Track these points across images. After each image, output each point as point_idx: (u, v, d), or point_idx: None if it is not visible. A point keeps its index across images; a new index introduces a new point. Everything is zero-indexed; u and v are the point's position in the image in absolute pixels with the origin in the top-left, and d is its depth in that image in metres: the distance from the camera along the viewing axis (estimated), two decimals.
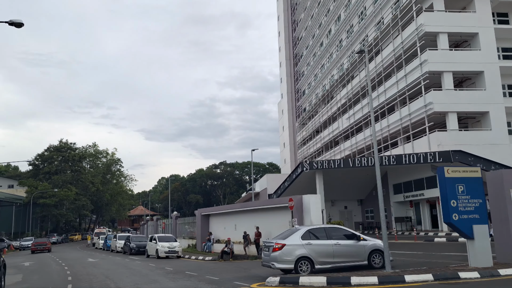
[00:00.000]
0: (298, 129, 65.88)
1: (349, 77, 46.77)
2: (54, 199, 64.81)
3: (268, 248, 14.74)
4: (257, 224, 26.63)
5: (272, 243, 14.59)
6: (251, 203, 28.05)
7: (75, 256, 33.19)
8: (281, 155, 73.66)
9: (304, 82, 65.11)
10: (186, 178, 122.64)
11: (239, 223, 29.63)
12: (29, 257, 34.50)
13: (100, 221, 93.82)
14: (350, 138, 46.05)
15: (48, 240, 49.05)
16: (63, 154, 71.41)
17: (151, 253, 29.48)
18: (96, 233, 54.35)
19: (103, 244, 44.57)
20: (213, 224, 33.42)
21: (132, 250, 33.32)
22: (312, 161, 37.21)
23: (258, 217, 27.31)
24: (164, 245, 28.06)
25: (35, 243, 44.65)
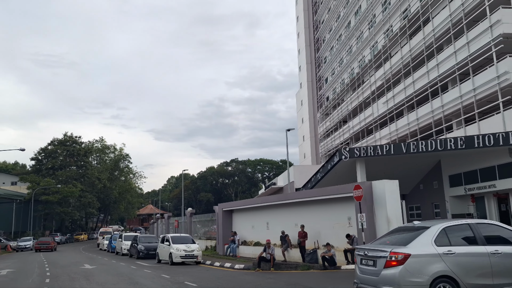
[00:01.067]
0: (320, 120, 59.22)
1: (387, 55, 40.08)
2: (58, 195, 58.60)
3: (372, 261, 8.17)
4: (300, 221, 20.10)
5: (383, 251, 7.99)
6: (292, 195, 21.57)
7: (71, 260, 26.80)
8: (299, 149, 66.98)
9: (326, 68, 58.48)
10: (197, 176, 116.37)
11: (272, 221, 23.09)
12: (16, 261, 28.17)
13: (108, 220, 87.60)
14: (388, 124, 39.33)
15: (52, 239, 46.15)
16: (68, 148, 65.18)
17: (163, 258, 23.01)
18: (101, 232, 48.08)
19: (108, 245, 38.22)
20: (237, 221, 26.89)
21: (140, 253, 26.86)
22: (353, 148, 30.55)
23: (300, 212, 20.76)
24: (180, 248, 21.58)
25: (39, 241, 43.75)
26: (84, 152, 67.57)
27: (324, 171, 33.46)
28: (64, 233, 66.08)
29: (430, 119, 32.95)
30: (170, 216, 39.82)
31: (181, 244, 22.11)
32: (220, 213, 27.47)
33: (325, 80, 59.40)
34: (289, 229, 20.86)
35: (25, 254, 38.66)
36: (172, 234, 24.46)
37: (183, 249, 21.51)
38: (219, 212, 27.69)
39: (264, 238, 23.24)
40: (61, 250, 43.44)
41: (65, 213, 61.07)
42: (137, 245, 27.59)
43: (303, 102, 64.56)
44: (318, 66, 61.30)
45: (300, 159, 66.18)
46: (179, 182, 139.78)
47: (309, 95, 62.09)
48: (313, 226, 19.34)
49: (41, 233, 61.20)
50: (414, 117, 35.33)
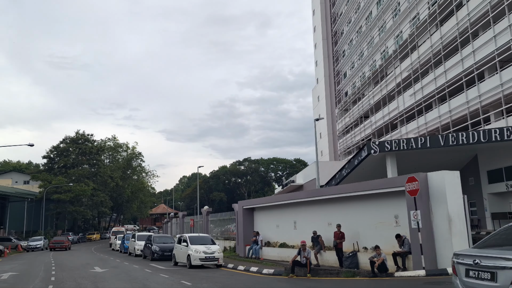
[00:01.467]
0: (339, 116, 56.59)
1: (414, 45, 37.38)
2: (70, 194, 56.77)
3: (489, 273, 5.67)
4: (334, 220, 17.65)
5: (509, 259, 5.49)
6: (325, 190, 19.10)
7: (80, 261, 24.64)
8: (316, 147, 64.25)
9: (345, 63, 55.85)
10: (209, 176, 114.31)
11: (301, 220, 20.63)
12: (23, 262, 26.10)
13: (121, 219, 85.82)
14: (416, 118, 36.63)
15: (66, 238, 45.69)
16: (80, 146, 63.37)
17: (180, 260, 20.69)
18: (114, 232, 46.02)
19: (120, 245, 36.09)
20: (259, 220, 24.48)
21: (155, 254, 24.59)
22: (384, 142, 27.98)
23: (334, 210, 18.27)
24: (199, 250, 19.23)
25: (53, 241, 43.83)
26: (97, 150, 65.74)
27: (350, 167, 30.98)
28: (76, 232, 64.31)
29: (465, 110, 30.27)
30: (185, 215, 37.55)
31: (200, 245, 19.76)
32: (240, 212, 25.10)
33: (344, 75, 56.75)
34: (321, 229, 18.40)
35: (35, 254, 36.75)
36: (190, 234, 22.18)
37: (202, 250, 19.16)
38: (239, 211, 25.32)
39: (291, 239, 20.85)
40: (72, 250, 41.48)
41: (77, 212, 59.25)
42: (151, 245, 25.34)
43: (320, 98, 61.98)
44: (336, 60, 58.66)
45: None
46: (191, 182, 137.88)
47: (326, 90, 59.49)
48: (350, 226, 16.86)
49: (53, 233, 59.44)
50: (446, 109, 32.62)
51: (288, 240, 21.02)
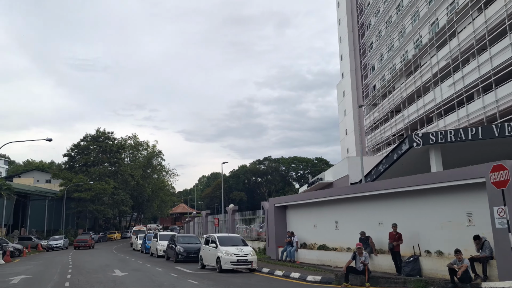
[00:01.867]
0: (367, 111, 53.75)
1: (452, 31, 34.45)
2: (90, 192, 55.40)
3: None
4: (386, 219, 15.21)
5: None
6: (375, 185, 16.45)
7: (99, 263, 22.70)
8: (341, 144, 61.55)
9: (373, 55, 52.98)
10: (229, 175, 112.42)
11: (343, 219, 18.19)
12: (40, 263, 24.33)
13: (141, 219, 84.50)
14: (456, 110, 33.69)
15: (90, 237, 46.00)
16: (100, 144, 62.04)
17: (209, 263, 18.48)
18: (135, 231, 44.28)
19: (141, 245, 34.19)
20: (293, 219, 22.12)
21: (179, 255, 22.46)
22: (428, 133, 25.32)
23: (386, 208, 15.78)
24: (230, 252, 16.98)
25: (77, 239, 44.53)
26: (117, 148, 64.33)
27: (388, 162, 28.35)
28: (97, 231, 63.03)
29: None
30: (208, 214, 35.39)
31: (231, 246, 17.52)
32: (271, 210, 22.79)
33: (372, 68, 53.90)
34: (370, 229, 15.95)
35: (54, 254, 35.18)
36: (219, 234, 19.96)
37: (234, 252, 16.91)
38: (270, 209, 23.01)
39: (332, 240, 18.42)
40: (92, 250, 39.87)
41: (98, 211, 57.87)
42: (175, 246, 23.23)
43: (345, 92, 59.20)
44: (363, 53, 55.82)
45: (342, 155, 60.75)
46: (211, 182, 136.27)
47: (352, 84, 56.69)
48: (408, 226, 14.36)
49: (73, 232, 58.22)
50: (492, 98, 29.64)
51: (329, 241, 18.60)
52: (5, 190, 38.14)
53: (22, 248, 34.72)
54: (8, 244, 33.53)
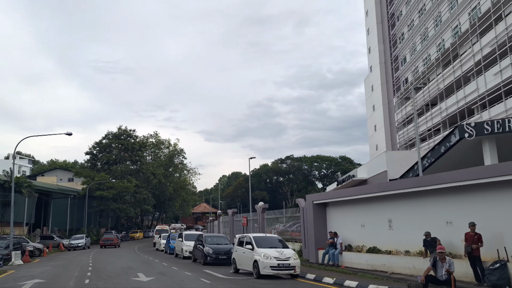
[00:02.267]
0: (398, 105, 50.69)
1: (498, 15, 31.37)
2: (112, 191, 53.97)
3: None
4: (455, 217, 12.62)
5: None
6: (444, 176, 13.49)
7: (121, 265, 20.68)
8: (369, 141, 58.54)
9: (404, 46, 49.91)
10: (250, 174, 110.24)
11: (399, 217, 15.64)
12: (58, 265, 22.51)
13: (163, 218, 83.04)
14: (504, 99, 30.58)
15: (115, 236, 46.51)
16: (122, 142, 60.63)
17: (243, 267, 16.21)
18: (157, 230, 42.43)
19: (165, 245, 32.23)
20: (334, 218, 19.64)
21: (208, 257, 20.27)
22: (482, 123, 22.53)
23: (455, 204, 13.19)
24: (269, 255, 14.65)
25: (103, 238, 45.02)
26: (139, 146, 62.84)
27: (434, 155, 25.65)
28: (119, 230, 61.64)
29: None
30: (235, 213, 33.18)
31: (270, 248, 15.20)
32: (309, 208, 20.38)
33: (403, 60, 50.84)
34: (434, 229, 13.41)
35: (75, 254, 33.54)
36: (255, 234, 17.66)
37: (274, 256, 14.58)
38: (308, 206, 20.60)
39: (385, 242, 15.90)
40: (115, 249, 38.17)
41: (120, 209, 56.40)
42: (203, 247, 21.06)
43: (374, 87, 56.22)
44: (394, 45, 52.79)
45: (371, 152, 57.81)
46: (231, 181, 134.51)
47: (382, 78, 53.69)
48: (487, 225, 11.79)
49: (96, 231, 56.93)
50: None
51: (381, 243, 16.10)
52: (26, 187, 36.76)
53: (43, 248, 33.21)
54: (29, 243, 32.02)
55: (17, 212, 40.34)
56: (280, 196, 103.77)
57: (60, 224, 52.31)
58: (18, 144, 26.75)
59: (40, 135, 37.10)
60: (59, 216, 51.84)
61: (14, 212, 39.72)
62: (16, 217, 40.38)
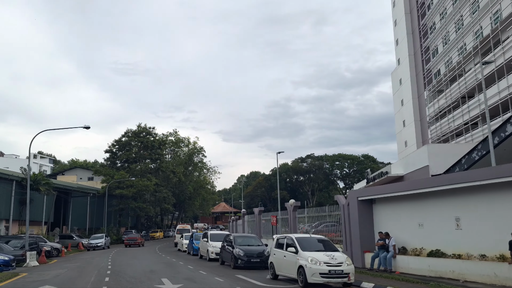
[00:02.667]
0: (429, 99, 47.61)
1: None
2: (132, 189, 52.25)
3: None
4: None
5: None
6: None
7: (143, 267, 18.54)
8: (397, 137, 55.45)
9: (436, 36, 46.79)
10: (270, 173, 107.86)
11: (469, 215, 13.01)
12: (75, 267, 20.53)
13: (183, 217, 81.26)
14: None
15: (139, 235, 46.07)
16: (142, 140, 58.94)
17: (284, 273, 13.80)
18: (179, 230, 40.39)
19: (188, 245, 30.08)
20: (383, 217, 17.07)
21: (238, 260, 17.94)
22: None
23: None
24: (318, 259, 12.21)
25: (128, 238, 44.52)
26: (158, 144, 61.07)
27: (486, 147, 22.77)
28: (139, 230, 59.99)
29: None
30: (262, 211, 30.78)
31: (317, 251, 12.77)
32: (353, 205, 17.87)
33: (435, 51, 47.72)
34: None
35: (94, 254, 31.68)
36: (297, 234, 15.24)
37: (323, 260, 12.14)
38: (352, 203, 18.08)
39: (450, 244, 13.30)
40: (137, 249, 36.26)
41: (140, 208, 54.67)
42: (232, 248, 18.75)
43: (402, 81, 53.16)
44: (424, 36, 49.70)
45: (399, 149, 54.74)
46: (250, 181, 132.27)
47: (411, 71, 50.62)
48: None
49: (116, 230, 55.34)
50: None
51: (446, 246, 13.50)
52: (44, 185, 35.13)
53: (61, 248, 31.47)
54: (46, 243, 30.29)
55: (35, 211, 38.85)
56: (300, 195, 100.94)
57: (79, 223, 50.88)
58: (35, 137, 24.94)
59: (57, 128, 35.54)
60: (78, 215, 50.40)
61: (32, 210, 38.24)
62: (35, 215, 38.90)
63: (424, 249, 14.48)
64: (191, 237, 29.73)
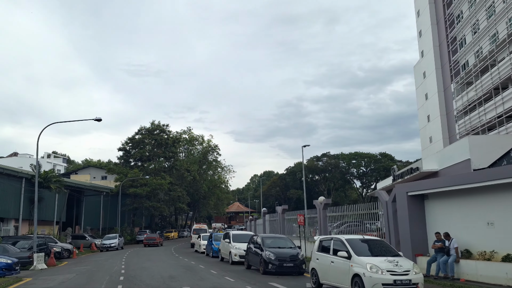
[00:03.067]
0: (457, 91, 44.68)
1: None
2: (146, 188, 50.25)
3: None
4: None
5: None
6: None
7: (160, 273, 16.27)
8: (421, 133, 52.48)
9: (464, 26, 43.88)
10: (284, 172, 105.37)
11: None
12: (85, 271, 18.34)
13: (197, 217, 79.15)
14: None
15: (158, 235, 45.33)
16: (156, 137, 56.93)
17: (332, 281, 11.33)
18: (195, 230, 38.14)
19: (206, 246, 27.79)
20: (439, 214, 14.52)
21: (269, 265, 15.55)
22: None
23: None
24: (379, 266, 9.74)
25: (147, 237, 44.30)
26: (172, 142, 58.98)
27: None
28: (153, 230, 58.01)
29: None
30: (286, 210, 28.27)
31: (375, 257, 10.33)
32: (401, 201, 15.36)
33: (462, 41, 44.78)
34: None
35: (107, 255, 29.60)
36: (347, 236, 12.78)
37: (386, 268, 9.71)
38: (399, 199, 15.57)
39: None
40: (152, 250, 34.14)
41: (154, 208, 52.62)
42: (260, 250, 16.39)
43: (426, 73, 50.27)
44: (450, 26, 46.77)
45: (423, 145, 51.86)
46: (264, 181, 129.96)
47: (437, 63, 47.69)
48: None
49: (130, 230, 53.40)
50: None
51: None
52: (55, 182, 33.19)
53: (72, 249, 29.43)
54: (57, 243, 28.31)
55: (46, 210, 37.01)
56: (316, 195, 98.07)
57: (92, 223, 49.04)
58: (44, 129, 22.93)
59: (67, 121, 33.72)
60: (91, 214, 48.55)
61: (43, 209, 36.40)
62: (46, 215, 37.07)
63: (496, 252, 11.94)
64: (210, 238, 27.45)
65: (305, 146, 29.42)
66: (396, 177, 38.89)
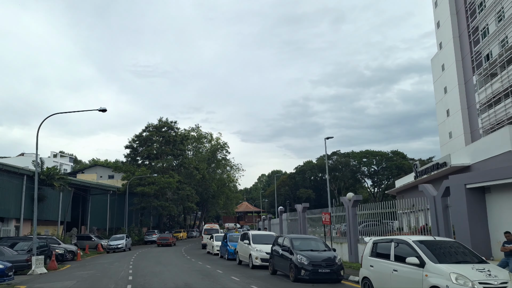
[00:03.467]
0: (479, 84, 42.01)
1: None
2: (154, 187, 47.99)
3: None
4: None
5: None
6: None
7: (173, 278, 13.88)
8: (440, 128, 49.77)
9: (487, 15, 41.23)
10: (294, 171, 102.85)
11: None
12: (90, 275, 16.00)
13: (206, 217, 76.82)
14: None
15: (171, 235, 44.38)
16: (163, 135, 54.67)
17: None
18: (207, 230, 35.77)
19: (221, 248, 25.39)
20: (506, 210, 12.03)
21: (302, 271, 13.09)
22: None
23: None
24: (468, 276, 7.29)
25: (160, 237, 43.60)
26: (181, 139, 56.68)
27: None
28: (162, 230, 55.78)
29: None
30: (306, 208, 25.75)
31: (459, 264, 7.90)
32: (458, 195, 12.90)
33: (485, 31, 42.12)
34: None
35: (113, 258, 27.33)
36: (416, 237, 10.30)
37: (478, 279, 7.29)
38: (456, 193, 13.10)
39: None
40: (161, 252, 31.82)
41: (162, 207, 50.35)
42: (290, 254, 13.98)
43: (445, 66, 47.61)
44: (471, 15, 44.10)
45: (441, 141, 49.23)
46: (271, 180, 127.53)
47: (457, 54, 45.05)
48: None
49: (137, 230, 51.19)
50: None
51: None
52: (58, 180, 31.00)
53: (76, 250, 27.18)
54: (60, 245, 26.07)
55: (50, 209, 34.84)
56: (325, 194, 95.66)
57: (99, 223, 46.86)
58: (45, 120, 20.76)
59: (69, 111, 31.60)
60: (98, 214, 46.38)
61: (47, 209, 34.21)
62: (49, 214, 34.90)
63: None
64: (224, 239, 25.08)
65: (328, 138, 27.03)
66: (418, 173, 36.32)
